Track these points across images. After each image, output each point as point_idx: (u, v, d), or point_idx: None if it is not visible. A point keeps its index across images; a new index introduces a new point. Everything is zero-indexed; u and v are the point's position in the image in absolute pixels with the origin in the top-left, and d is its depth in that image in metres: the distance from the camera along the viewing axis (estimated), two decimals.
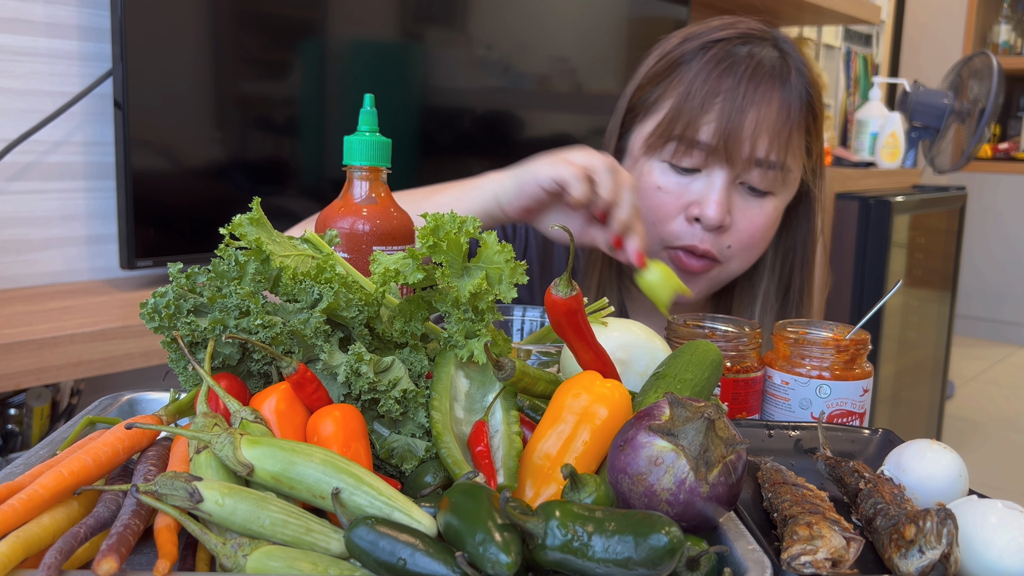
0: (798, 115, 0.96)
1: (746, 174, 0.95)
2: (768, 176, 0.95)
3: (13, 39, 1.15)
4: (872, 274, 2.22)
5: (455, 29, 1.58)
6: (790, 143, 0.95)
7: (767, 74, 0.95)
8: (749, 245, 0.98)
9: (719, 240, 0.97)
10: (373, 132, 0.69)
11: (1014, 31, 4.58)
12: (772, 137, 0.94)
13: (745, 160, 0.94)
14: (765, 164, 0.95)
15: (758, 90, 0.94)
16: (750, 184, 0.96)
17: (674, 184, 0.96)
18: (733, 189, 0.96)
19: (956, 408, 3.53)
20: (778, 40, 0.99)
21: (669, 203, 0.96)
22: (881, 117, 2.70)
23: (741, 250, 0.98)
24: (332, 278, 0.57)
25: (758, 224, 0.97)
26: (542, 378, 0.58)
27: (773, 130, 0.94)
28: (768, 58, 0.96)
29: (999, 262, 4.51)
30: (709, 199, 0.94)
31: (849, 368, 0.76)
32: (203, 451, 0.49)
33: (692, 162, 0.95)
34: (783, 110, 0.94)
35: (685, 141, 0.95)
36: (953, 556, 0.48)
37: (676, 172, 0.96)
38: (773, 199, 0.98)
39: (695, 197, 0.96)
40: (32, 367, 0.95)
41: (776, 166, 0.95)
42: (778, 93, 0.94)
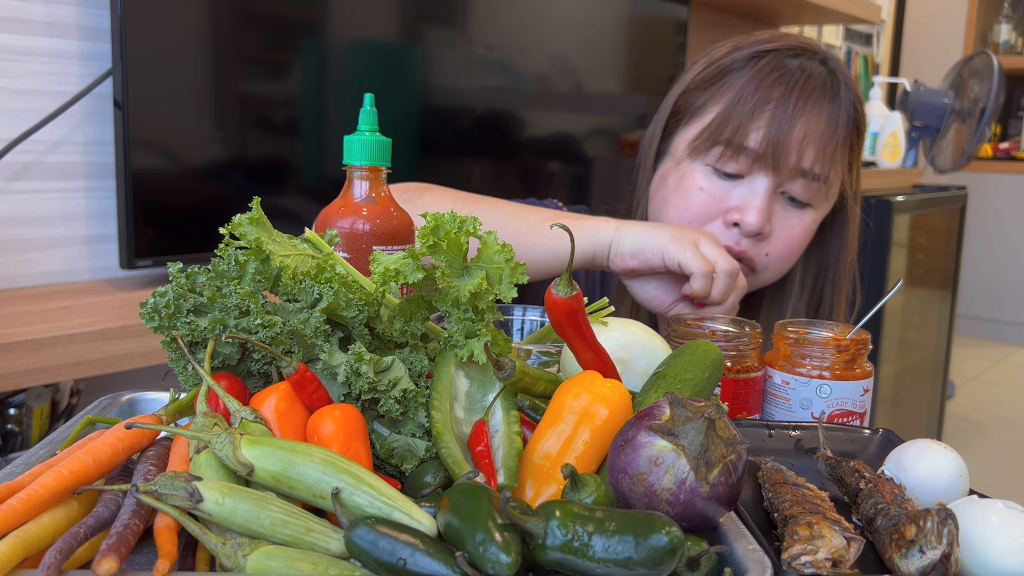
0: (844, 130, 0.97)
1: (789, 184, 0.97)
2: (811, 188, 0.97)
3: (13, 38, 1.15)
4: (872, 274, 2.22)
5: (455, 29, 1.58)
6: (835, 157, 0.97)
7: (817, 87, 0.96)
8: (785, 256, 0.99)
9: (757, 247, 0.98)
10: (373, 132, 0.69)
11: (1015, 30, 4.57)
12: (819, 149, 0.95)
13: (791, 169, 0.95)
14: (809, 175, 0.96)
15: (808, 102, 0.95)
16: (791, 195, 0.97)
17: (716, 188, 0.98)
18: (774, 198, 0.97)
19: (957, 408, 3.53)
20: (826, 57, 1.01)
21: (710, 205, 0.98)
22: (882, 117, 2.70)
23: (777, 260, 0.99)
24: (332, 278, 0.57)
25: (796, 235, 0.99)
26: (542, 378, 0.58)
27: (820, 142, 0.95)
28: (818, 72, 0.98)
29: (1000, 262, 4.51)
30: (751, 205, 0.95)
31: (850, 368, 0.76)
32: (203, 451, 0.49)
33: (737, 168, 0.97)
34: (831, 124, 0.96)
35: (732, 146, 0.96)
36: (954, 556, 0.47)
37: (719, 176, 0.98)
38: (812, 212, 0.99)
39: (737, 203, 0.97)
40: (32, 367, 0.95)
41: (820, 178, 0.96)
42: (827, 106, 0.96)
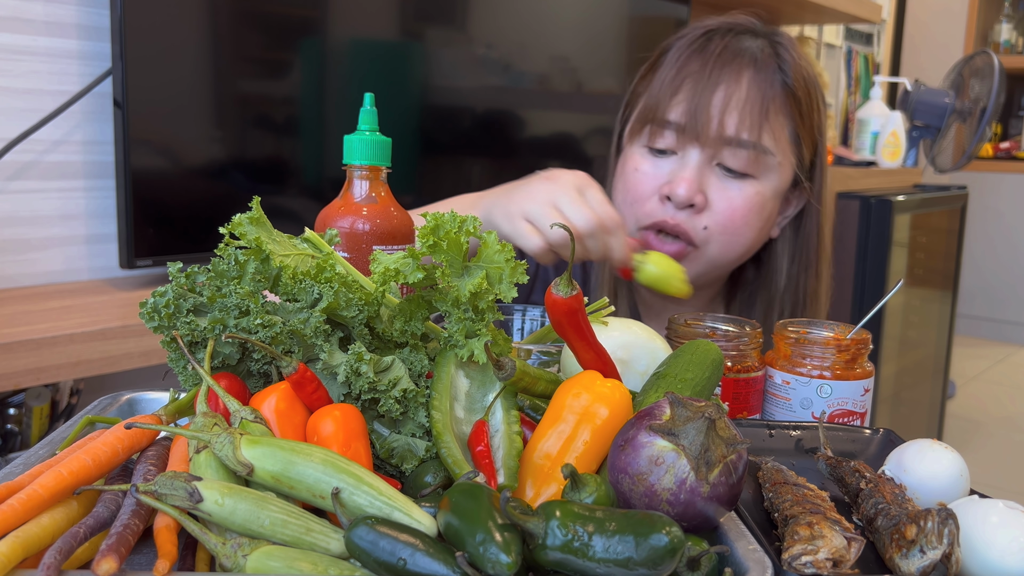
0: (775, 97, 0.95)
1: (720, 154, 0.95)
2: (741, 156, 0.95)
3: (12, 38, 1.15)
4: (873, 274, 2.22)
5: (455, 28, 1.58)
6: (764, 123, 0.95)
7: (738, 56, 0.96)
8: (728, 228, 0.97)
9: (694, 220, 0.96)
10: (373, 131, 0.69)
11: (1015, 30, 4.57)
12: (742, 115, 0.94)
13: (715, 138, 0.94)
14: (735, 143, 0.94)
15: (725, 69, 0.95)
16: (726, 165, 0.96)
17: (651, 166, 0.99)
18: (708, 170, 0.96)
19: (957, 408, 3.53)
20: (773, 36, 1.00)
21: (645, 183, 0.98)
22: (882, 116, 2.70)
23: (720, 232, 0.97)
24: (332, 277, 0.57)
25: (736, 205, 0.96)
26: (542, 378, 0.58)
27: (743, 108, 0.94)
28: (748, 46, 0.97)
29: (1000, 261, 4.51)
30: (680, 177, 0.95)
31: (850, 368, 0.75)
32: (203, 451, 0.49)
33: (666, 143, 0.97)
34: (755, 89, 0.95)
35: (657, 122, 0.97)
36: (954, 556, 0.47)
37: (653, 155, 0.99)
38: (754, 183, 0.97)
39: (668, 177, 0.97)
40: (31, 367, 0.95)
41: (748, 145, 0.94)
42: (749, 72, 0.95)
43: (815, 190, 1.03)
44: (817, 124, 1.01)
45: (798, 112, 0.98)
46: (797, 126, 0.98)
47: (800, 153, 1.00)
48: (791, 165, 1.00)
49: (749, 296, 1.08)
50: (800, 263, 1.05)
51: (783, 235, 1.06)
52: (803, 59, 1.00)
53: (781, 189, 1.00)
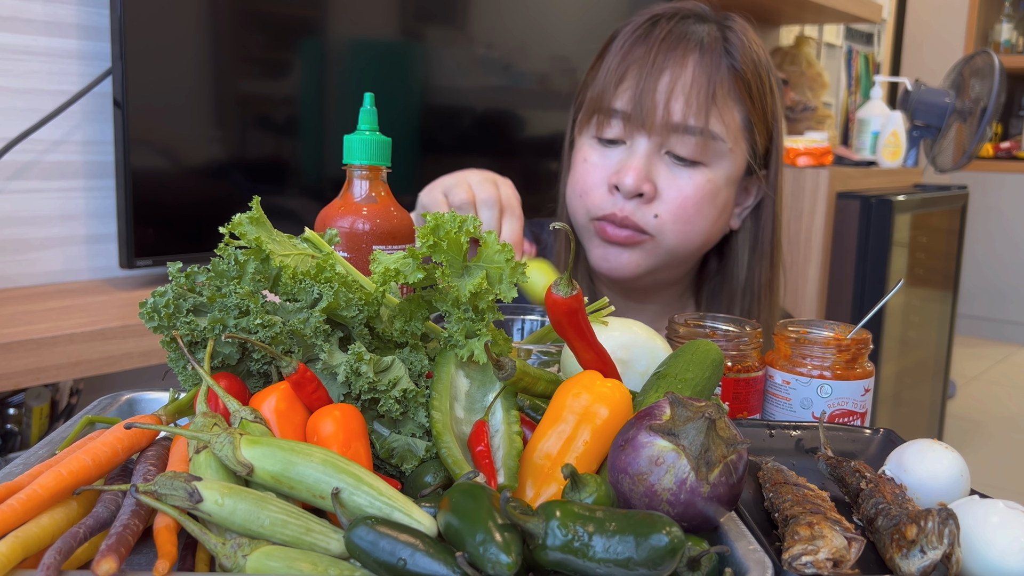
0: (722, 81, 0.93)
1: (668, 142, 0.94)
2: (689, 143, 0.93)
3: (12, 38, 1.15)
4: (873, 273, 2.22)
5: (455, 28, 1.58)
6: (711, 108, 0.93)
7: (682, 40, 0.94)
8: (680, 216, 0.95)
9: (644, 210, 0.95)
10: (373, 131, 0.69)
11: (1016, 30, 4.57)
12: (688, 100, 0.92)
13: (661, 125, 0.92)
14: (682, 129, 0.92)
15: (670, 54, 0.93)
16: (675, 153, 0.94)
17: (600, 156, 0.97)
18: (657, 158, 0.95)
19: (958, 408, 3.53)
20: (724, 21, 0.98)
21: (593, 174, 0.97)
22: (882, 116, 2.70)
23: (671, 221, 0.95)
24: (332, 277, 0.57)
25: (687, 194, 0.94)
26: (542, 378, 0.58)
27: (688, 93, 0.92)
28: (695, 31, 0.95)
29: (1001, 261, 4.51)
30: (626, 167, 0.94)
31: (850, 368, 0.75)
32: (202, 451, 0.49)
33: (614, 133, 0.96)
34: (701, 74, 0.93)
35: (604, 112, 0.96)
36: (955, 556, 0.47)
37: (602, 145, 0.98)
38: (705, 170, 0.95)
39: (616, 167, 0.95)
40: (31, 366, 0.95)
41: (695, 131, 0.92)
42: (694, 56, 0.93)
43: (770, 179, 1.01)
44: (770, 110, 0.99)
45: (748, 96, 0.96)
46: (748, 111, 0.96)
47: (753, 140, 0.98)
48: (744, 152, 0.98)
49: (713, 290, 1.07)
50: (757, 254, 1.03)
51: (744, 227, 1.04)
52: (755, 44, 0.98)
53: (735, 176, 0.98)
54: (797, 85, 2.78)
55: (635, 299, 1.06)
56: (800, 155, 2.23)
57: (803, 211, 2.19)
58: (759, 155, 0.99)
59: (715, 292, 1.06)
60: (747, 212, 1.03)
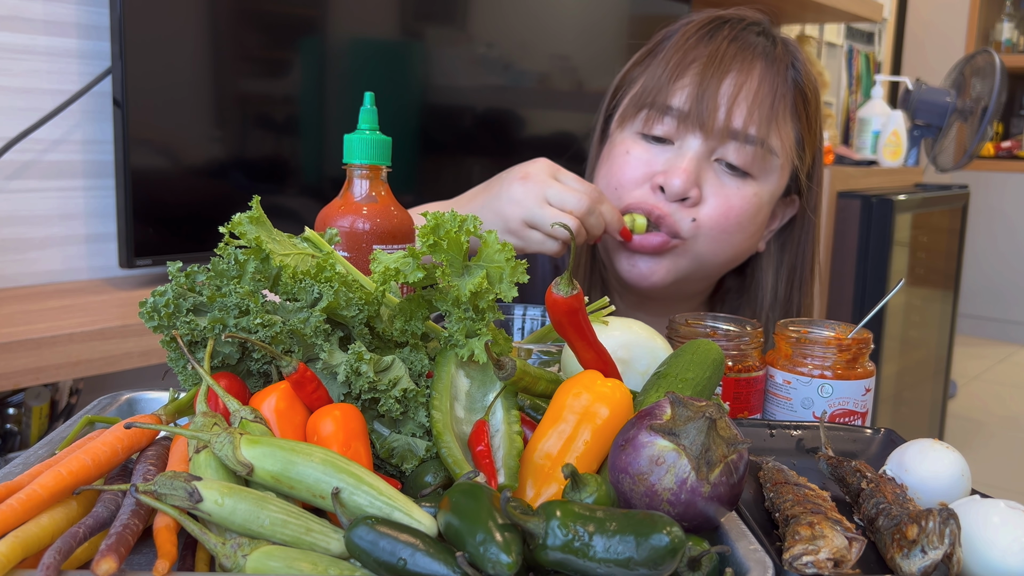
0: (785, 94, 0.90)
1: (722, 147, 0.89)
2: (746, 152, 0.89)
3: (12, 37, 1.15)
4: (874, 273, 2.22)
5: (456, 27, 1.58)
6: (774, 120, 0.89)
7: (749, 47, 0.90)
8: (719, 225, 0.90)
9: (683, 212, 0.90)
10: (373, 130, 0.69)
11: (1016, 29, 4.57)
12: (751, 107, 0.87)
13: (720, 129, 0.88)
14: (742, 137, 0.88)
15: (737, 58, 0.89)
16: (727, 160, 0.90)
17: (644, 151, 0.92)
18: (707, 164, 0.90)
19: (958, 407, 3.53)
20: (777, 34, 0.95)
21: (636, 169, 0.92)
22: (883, 115, 2.70)
23: (709, 228, 0.90)
24: (332, 277, 0.57)
25: (733, 204, 0.90)
26: (543, 377, 0.58)
27: (753, 100, 0.88)
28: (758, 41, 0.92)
29: (1002, 261, 4.51)
30: (676, 166, 0.89)
31: (851, 367, 0.75)
32: (202, 451, 0.49)
33: (664, 130, 0.91)
34: (766, 82, 0.89)
35: (657, 107, 0.91)
36: (956, 556, 0.47)
37: (647, 141, 0.92)
38: (754, 183, 0.91)
39: (663, 166, 0.90)
40: (31, 366, 0.94)
41: (754, 141, 0.88)
42: (761, 64, 0.89)
43: (811, 201, 0.98)
44: (818, 131, 0.96)
45: (806, 115, 0.93)
46: (802, 130, 0.93)
47: (802, 159, 0.95)
48: (791, 171, 0.95)
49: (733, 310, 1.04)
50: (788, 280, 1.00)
51: (768, 250, 1.00)
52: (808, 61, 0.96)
53: (777, 195, 0.95)
54: None
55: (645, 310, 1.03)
56: None
57: None
58: (803, 174, 0.97)
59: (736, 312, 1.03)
60: (771, 235, 1.00)
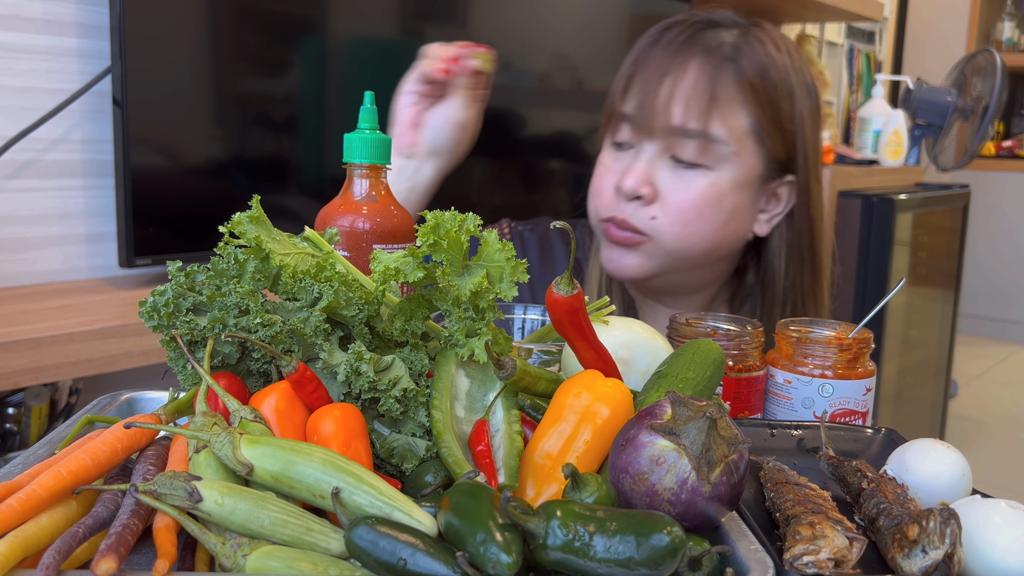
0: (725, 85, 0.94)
1: (672, 145, 0.95)
2: (690, 146, 0.94)
3: (11, 36, 1.15)
4: (875, 272, 2.22)
5: (456, 26, 1.58)
6: (712, 111, 0.93)
7: (689, 46, 0.96)
8: (679, 219, 0.95)
9: (641, 211, 0.96)
10: (373, 130, 0.69)
11: (1017, 28, 4.56)
12: (688, 104, 0.93)
13: (663, 129, 0.94)
14: (682, 133, 0.94)
15: (674, 60, 0.95)
16: (678, 156, 0.95)
17: (613, 160, 1.00)
18: (661, 162, 0.96)
19: (959, 407, 3.53)
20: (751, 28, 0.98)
21: (604, 177, 1.00)
22: (884, 115, 2.69)
23: (670, 223, 0.95)
24: (332, 276, 0.57)
25: (689, 196, 0.95)
26: (543, 377, 0.58)
27: (689, 97, 0.93)
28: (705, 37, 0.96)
29: (1003, 260, 4.50)
30: (629, 169, 0.96)
31: (852, 367, 0.75)
32: (202, 450, 0.49)
33: (624, 137, 0.99)
34: (702, 78, 0.94)
35: (615, 116, 0.99)
36: (956, 556, 0.47)
37: (615, 149, 1.00)
38: (708, 173, 0.95)
39: (623, 170, 0.98)
40: (30, 366, 0.94)
41: (695, 134, 0.93)
42: (697, 61, 0.95)
43: (799, 184, 1.01)
44: (787, 115, 0.98)
45: (756, 102, 0.95)
46: (758, 116, 0.96)
47: (767, 145, 0.97)
48: (754, 156, 0.97)
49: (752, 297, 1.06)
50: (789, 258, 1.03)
51: (778, 233, 1.03)
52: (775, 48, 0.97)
53: (744, 180, 0.97)
54: None
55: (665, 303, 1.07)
56: None
57: None
58: (778, 160, 0.99)
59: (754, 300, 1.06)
60: (778, 218, 1.02)
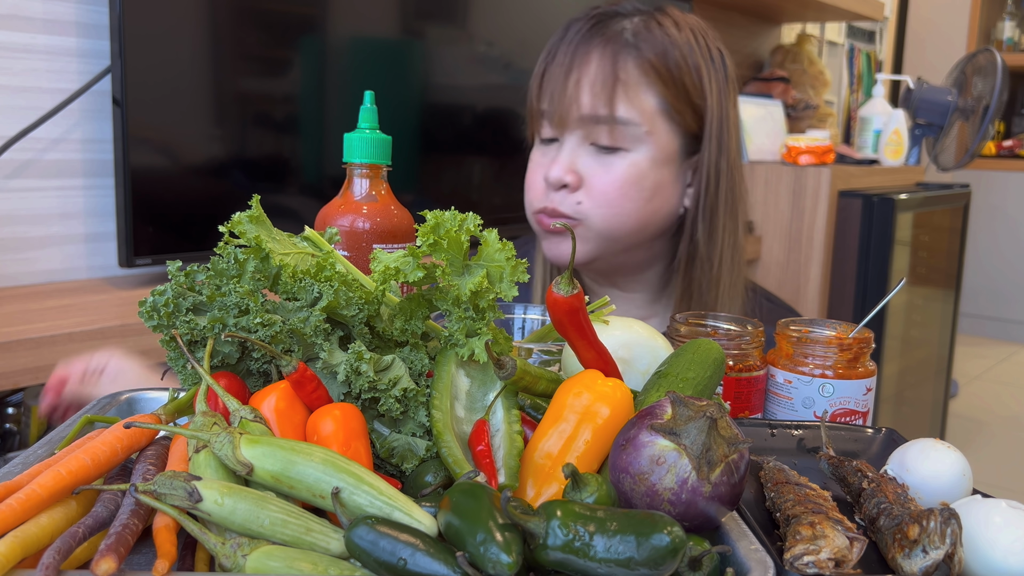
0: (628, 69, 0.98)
1: (589, 133, 0.99)
2: (603, 131, 0.98)
3: (11, 36, 1.15)
4: (875, 272, 2.21)
5: (456, 25, 1.58)
6: (616, 96, 0.97)
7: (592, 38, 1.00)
8: (603, 201, 1.00)
9: (569, 199, 1.00)
10: (373, 129, 0.69)
11: (1018, 28, 4.56)
12: (594, 92, 0.98)
13: (575, 119, 0.99)
14: (592, 120, 0.98)
15: (578, 52, 0.99)
16: (596, 143, 0.99)
17: (542, 155, 1.04)
18: (582, 150, 1.00)
19: (960, 407, 3.53)
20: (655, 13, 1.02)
21: (534, 172, 1.05)
22: (884, 114, 2.69)
23: (596, 206, 1.00)
24: (332, 276, 0.57)
25: (609, 179, 0.99)
26: (543, 377, 0.58)
27: (594, 85, 0.98)
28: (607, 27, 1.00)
29: (1003, 260, 4.50)
30: (553, 160, 1.01)
31: (852, 367, 0.75)
32: (202, 450, 0.49)
33: (547, 132, 1.03)
34: (603, 65, 0.98)
35: (535, 113, 1.04)
36: (957, 556, 0.47)
37: (543, 144, 1.05)
38: (627, 155, 0.99)
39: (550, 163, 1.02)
40: (30, 366, 0.94)
41: (604, 120, 0.98)
42: (598, 50, 0.99)
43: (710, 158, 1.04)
44: (696, 90, 1.01)
45: (661, 82, 0.99)
46: (664, 95, 1.00)
47: (680, 121, 1.01)
48: (669, 134, 1.01)
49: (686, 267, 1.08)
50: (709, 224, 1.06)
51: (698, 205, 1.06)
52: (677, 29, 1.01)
53: (662, 157, 1.01)
54: (799, 83, 2.77)
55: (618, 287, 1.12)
56: (802, 153, 2.23)
57: (805, 210, 2.19)
58: (694, 135, 1.03)
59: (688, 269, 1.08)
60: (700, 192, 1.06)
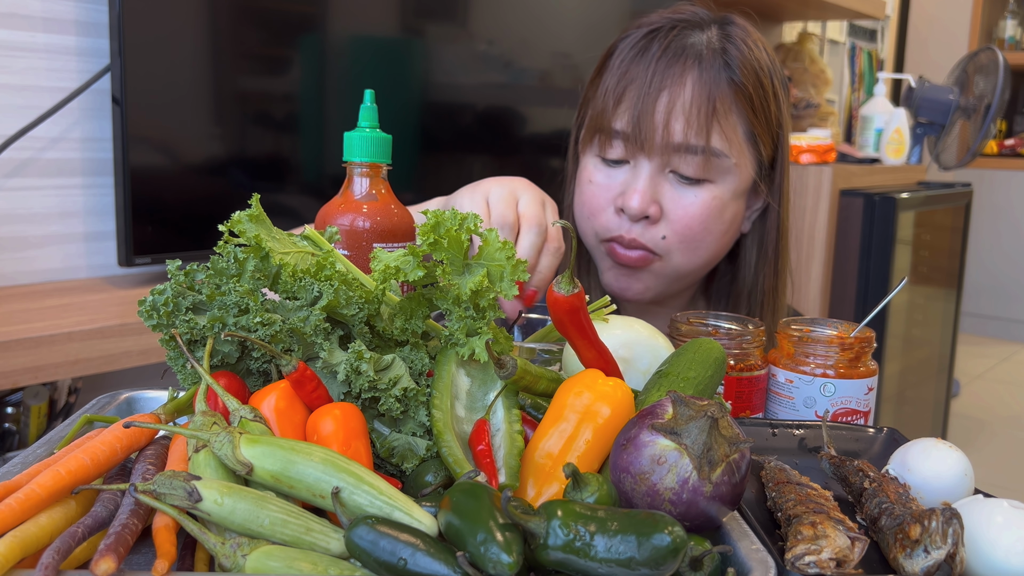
0: (723, 96, 0.92)
1: (671, 162, 0.92)
2: (692, 162, 0.92)
3: (11, 34, 1.15)
4: (877, 271, 2.21)
5: (456, 24, 1.58)
6: (712, 125, 0.92)
7: (680, 55, 0.92)
8: (687, 236, 0.94)
9: (651, 231, 0.94)
10: (373, 128, 0.69)
11: (1020, 26, 4.56)
12: (688, 120, 0.91)
13: (662, 146, 0.91)
14: (684, 148, 0.91)
15: (668, 72, 0.91)
16: (680, 172, 0.93)
17: (604, 177, 0.96)
18: (662, 178, 0.94)
19: (962, 407, 3.52)
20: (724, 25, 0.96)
21: (599, 196, 0.96)
22: (886, 113, 2.69)
23: (679, 241, 0.94)
24: (332, 275, 0.57)
25: (693, 213, 0.93)
26: (544, 376, 0.57)
27: (688, 112, 0.91)
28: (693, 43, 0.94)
29: (1005, 259, 4.50)
30: (631, 189, 0.93)
31: (854, 366, 0.75)
32: (202, 450, 0.49)
33: (617, 153, 0.95)
34: (700, 91, 0.91)
35: (605, 131, 0.95)
36: (959, 556, 0.47)
37: (606, 165, 0.97)
38: (711, 187, 0.94)
39: (620, 188, 0.95)
40: (29, 365, 0.94)
41: (697, 150, 0.91)
42: (692, 73, 0.92)
43: (775, 186, 1.00)
44: (775, 117, 0.97)
45: (750, 108, 0.94)
46: (751, 123, 0.95)
47: (758, 150, 0.97)
48: (750, 163, 0.96)
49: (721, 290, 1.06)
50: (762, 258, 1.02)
51: (752, 228, 1.03)
52: (756, 47, 0.96)
53: (742, 189, 0.97)
54: (800, 82, 2.77)
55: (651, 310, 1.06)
56: (803, 152, 2.23)
57: (806, 209, 2.19)
58: (765, 164, 0.98)
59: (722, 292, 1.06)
60: (756, 214, 1.02)
